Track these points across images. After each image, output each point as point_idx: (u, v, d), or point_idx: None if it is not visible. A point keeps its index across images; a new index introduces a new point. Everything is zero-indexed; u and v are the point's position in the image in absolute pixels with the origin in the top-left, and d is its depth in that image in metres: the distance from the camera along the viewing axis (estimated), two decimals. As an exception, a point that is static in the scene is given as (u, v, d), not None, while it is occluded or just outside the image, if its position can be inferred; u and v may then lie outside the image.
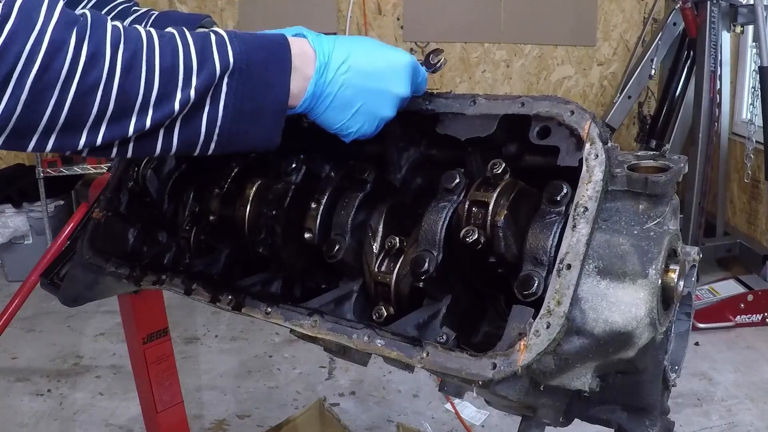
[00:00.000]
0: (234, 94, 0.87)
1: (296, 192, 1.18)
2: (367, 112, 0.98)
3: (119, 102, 0.79)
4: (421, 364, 0.93)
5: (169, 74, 0.82)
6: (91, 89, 0.76)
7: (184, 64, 0.83)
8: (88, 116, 0.78)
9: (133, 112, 0.81)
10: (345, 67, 0.95)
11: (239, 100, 0.87)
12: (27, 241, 4.23)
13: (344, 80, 0.95)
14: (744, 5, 3.73)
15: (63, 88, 0.75)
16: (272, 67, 0.89)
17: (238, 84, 0.87)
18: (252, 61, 0.87)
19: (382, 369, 3.04)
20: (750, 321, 3.50)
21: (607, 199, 0.91)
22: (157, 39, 0.83)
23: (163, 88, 0.82)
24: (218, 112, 0.87)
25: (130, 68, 0.79)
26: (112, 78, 0.78)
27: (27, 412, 2.85)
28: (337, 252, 1.09)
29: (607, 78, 5.09)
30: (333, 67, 0.95)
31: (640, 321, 0.85)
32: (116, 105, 0.79)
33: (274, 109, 0.91)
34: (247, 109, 0.88)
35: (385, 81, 0.98)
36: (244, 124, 0.89)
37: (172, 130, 0.85)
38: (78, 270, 1.44)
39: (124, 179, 1.40)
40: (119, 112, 0.80)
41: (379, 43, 1.01)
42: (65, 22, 0.75)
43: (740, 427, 2.71)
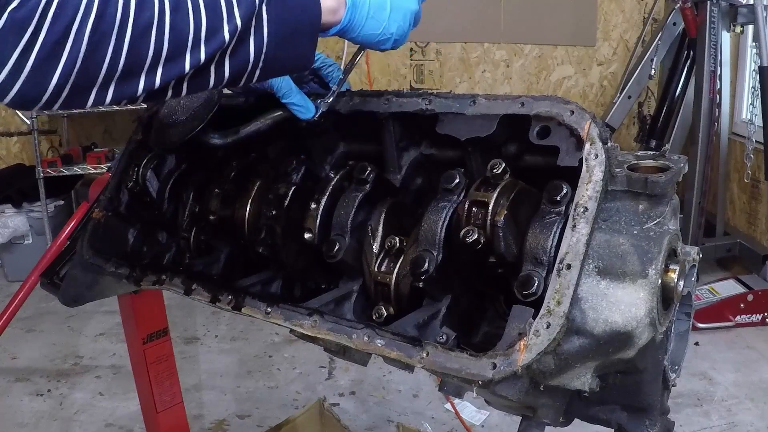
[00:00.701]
0: (274, 19, 0.90)
1: (296, 192, 1.18)
2: (398, 8, 1.05)
3: (173, 40, 0.81)
4: (421, 364, 0.93)
5: (213, 8, 0.84)
6: (144, 32, 0.78)
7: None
8: (145, 59, 0.79)
9: (186, 48, 0.83)
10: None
11: (280, 25, 0.91)
12: (27, 241, 4.23)
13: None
14: (744, 5, 3.72)
15: (119, 34, 0.76)
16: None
17: (276, 10, 0.90)
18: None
19: (382, 369, 3.04)
20: (750, 321, 3.50)
21: (607, 199, 0.91)
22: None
23: (211, 22, 0.84)
24: (263, 38, 0.90)
25: (177, 7, 0.81)
26: (163, 18, 0.79)
27: (27, 412, 2.85)
28: (337, 252, 1.09)
29: (607, 78, 5.08)
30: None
31: (640, 321, 0.85)
32: (170, 44, 0.81)
33: (310, 30, 0.95)
34: (287, 33, 0.92)
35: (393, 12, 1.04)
36: (285, 47, 0.93)
37: (223, 63, 0.88)
38: (78, 270, 1.44)
39: (124, 179, 1.40)
40: (174, 51, 0.82)
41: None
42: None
43: (740, 427, 2.71)
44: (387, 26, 1.05)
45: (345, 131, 1.25)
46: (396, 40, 1.07)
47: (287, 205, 1.18)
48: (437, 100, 1.09)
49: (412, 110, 1.10)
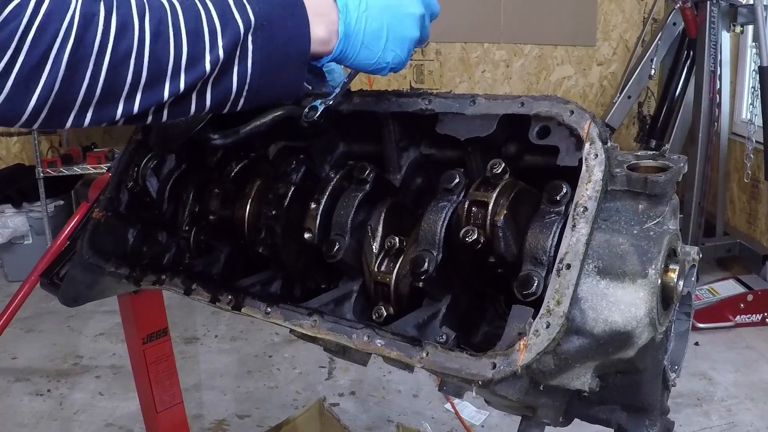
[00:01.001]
0: (260, 50, 0.89)
1: (296, 192, 1.18)
2: (396, 38, 1.02)
3: (152, 69, 0.81)
4: (421, 364, 0.93)
5: (195, 37, 0.84)
6: (123, 58, 0.78)
7: (208, 26, 0.85)
8: (123, 86, 0.80)
9: (166, 77, 0.83)
10: (364, 4, 0.99)
11: (266, 55, 0.90)
12: (27, 241, 4.23)
13: (367, 16, 0.99)
14: (744, 5, 3.73)
15: (97, 60, 0.76)
16: (291, 19, 0.92)
17: (262, 40, 0.89)
18: (272, 17, 0.90)
19: (382, 369, 3.04)
20: (750, 321, 3.50)
21: (606, 199, 0.91)
22: (179, 5, 0.85)
23: (191, 51, 0.83)
24: (247, 69, 0.89)
25: (159, 34, 0.81)
26: (142, 45, 0.80)
27: (27, 412, 2.85)
28: (337, 252, 1.09)
29: (607, 78, 5.09)
30: (353, 7, 0.98)
31: (640, 321, 0.85)
32: (149, 72, 0.81)
33: (298, 60, 0.94)
34: (273, 63, 0.91)
35: (401, 5, 1.01)
36: (271, 77, 0.92)
37: (204, 91, 0.88)
38: (78, 270, 1.44)
39: (124, 179, 1.40)
40: (153, 79, 0.82)
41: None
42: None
43: (740, 427, 2.71)
44: (382, 56, 1.02)
45: (345, 131, 1.25)
46: (393, 68, 1.04)
47: (287, 205, 1.17)
48: (437, 100, 1.09)
49: (412, 110, 1.10)
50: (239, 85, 0.90)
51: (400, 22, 1.02)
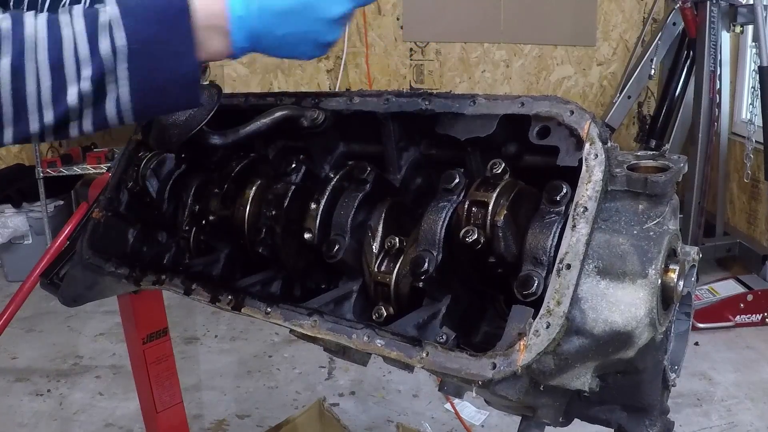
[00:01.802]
0: (137, 76, 0.83)
1: (296, 192, 1.18)
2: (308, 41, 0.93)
3: (15, 105, 0.79)
4: (421, 364, 0.93)
5: (57, 70, 0.80)
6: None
7: (74, 55, 0.81)
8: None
9: (31, 112, 0.81)
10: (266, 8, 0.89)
11: (144, 81, 0.84)
12: (27, 241, 4.23)
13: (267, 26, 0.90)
14: (744, 5, 3.73)
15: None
16: (173, 38, 0.85)
17: (138, 66, 0.83)
18: (147, 39, 0.83)
19: (381, 369, 3.04)
20: (750, 321, 3.50)
21: (606, 199, 0.91)
22: (45, 32, 0.81)
23: (55, 85, 0.80)
24: (126, 96, 0.84)
25: (17, 70, 0.79)
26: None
27: (27, 412, 2.85)
28: (337, 252, 1.09)
29: (607, 78, 5.09)
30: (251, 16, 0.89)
31: (640, 321, 0.85)
32: (13, 108, 0.79)
33: (186, 79, 0.87)
34: (155, 87, 0.85)
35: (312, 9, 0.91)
36: (156, 100, 0.87)
37: (80, 121, 0.84)
38: (78, 270, 1.44)
39: (124, 179, 1.40)
40: (17, 115, 0.80)
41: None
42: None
43: (740, 427, 2.71)
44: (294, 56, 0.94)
45: (345, 131, 1.25)
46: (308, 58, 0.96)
47: (287, 205, 1.18)
48: (437, 100, 1.09)
49: (412, 110, 1.10)
50: (119, 110, 0.85)
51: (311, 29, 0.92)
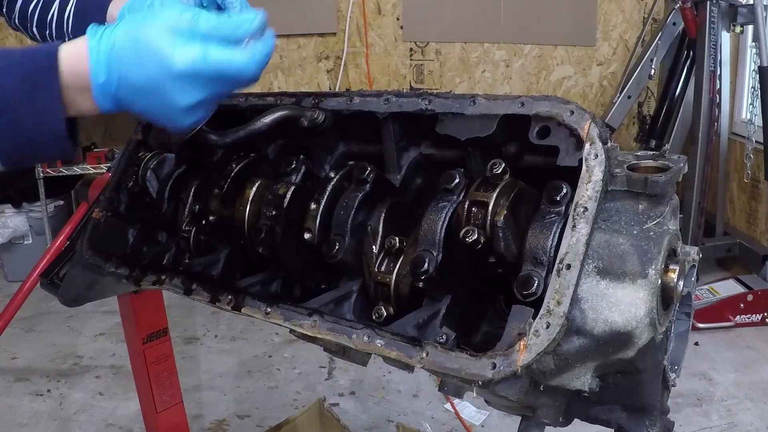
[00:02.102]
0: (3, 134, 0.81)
1: (296, 192, 1.18)
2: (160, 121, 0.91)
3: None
4: (421, 364, 0.93)
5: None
6: None
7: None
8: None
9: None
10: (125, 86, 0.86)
11: (9, 138, 0.82)
12: (27, 241, 4.23)
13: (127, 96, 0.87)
14: (744, 5, 3.73)
15: None
16: (36, 96, 0.82)
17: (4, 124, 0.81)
18: (10, 96, 0.81)
19: (381, 369, 3.04)
20: (750, 321, 3.50)
21: (606, 199, 0.91)
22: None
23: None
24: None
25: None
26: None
27: (27, 412, 2.85)
28: (337, 252, 1.09)
29: (607, 78, 5.09)
30: (111, 85, 0.86)
31: (640, 321, 0.85)
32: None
33: (53, 136, 0.85)
34: (22, 143, 0.83)
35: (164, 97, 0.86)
36: (25, 154, 0.85)
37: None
38: (78, 270, 1.44)
39: (123, 179, 1.40)
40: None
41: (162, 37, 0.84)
42: None
43: (740, 427, 2.71)
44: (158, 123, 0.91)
45: (345, 131, 1.25)
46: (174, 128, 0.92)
47: (287, 205, 1.17)
48: (437, 100, 1.09)
49: (412, 110, 1.10)
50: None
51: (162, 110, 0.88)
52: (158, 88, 0.85)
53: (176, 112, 0.88)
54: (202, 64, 0.85)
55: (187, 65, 0.84)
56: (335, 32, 4.89)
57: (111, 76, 0.85)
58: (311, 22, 4.84)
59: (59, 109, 0.84)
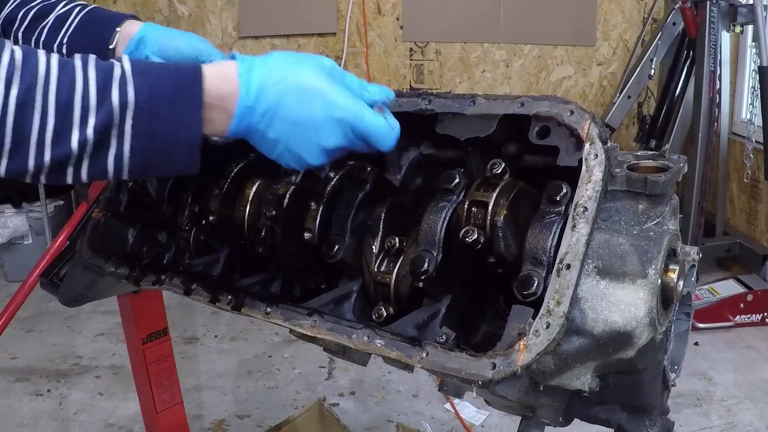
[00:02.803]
0: (140, 134, 0.84)
1: (296, 192, 1.18)
2: (292, 155, 0.94)
3: (15, 138, 0.79)
4: (421, 364, 0.93)
5: (64, 110, 0.80)
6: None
7: (82, 100, 0.81)
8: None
9: (30, 147, 0.80)
10: (271, 112, 0.90)
11: (147, 140, 0.85)
12: (27, 241, 4.23)
13: (267, 123, 0.91)
14: (744, 5, 3.73)
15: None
16: (180, 104, 0.86)
17: (142, 123, 0.84)
18: (156, 99, 0.84)
19: (381, 369, 3.04)
20: (750, 321, 3.50)
21: (606, 199, 0.91)
22: (57, 71, 0.81)
23: (58, 125, 0.80)
24: (124, 151, 0.85)
25: (24, 104, 0.78)
26: (5, 114, 0.77)
27: (27, 412, 2.85)
28: (337, 252, 1.09)
29: (607, 78, 5.08)
30: (259, 110, 0.90)
31: (640, 321, 0.85)
32: (13, 141, 0.79)
33: (187, 147, 0.88)
34: (156, 147, 0.86)
35: (311, 132, 0.92)
36: (155, 160, 0.87)
37: (79, 167, 0.84)
38: (78, 270, 1.44)
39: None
40: (16, 148, 0.79)
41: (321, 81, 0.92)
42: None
43: (740, 427, 2.71)
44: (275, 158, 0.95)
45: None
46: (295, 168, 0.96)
47: (287, 205, 1.17)
48: (437, 100, 1.09)
49: (412, 110, 1.10)
50: (116, 166, 0.85)
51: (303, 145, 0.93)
52: (312, 125, 0.91)
53: (316, 150, 0.93)
54: (360, 117, 0.92)
55: (348, 113, 0.92)
56: (335, 32, 4.89)
57: (258, 104, 0.89)
58: (311, 22, 4.84)
59: (199, 120, 0.87)
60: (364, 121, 0.93)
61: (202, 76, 0.87)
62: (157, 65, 0.88)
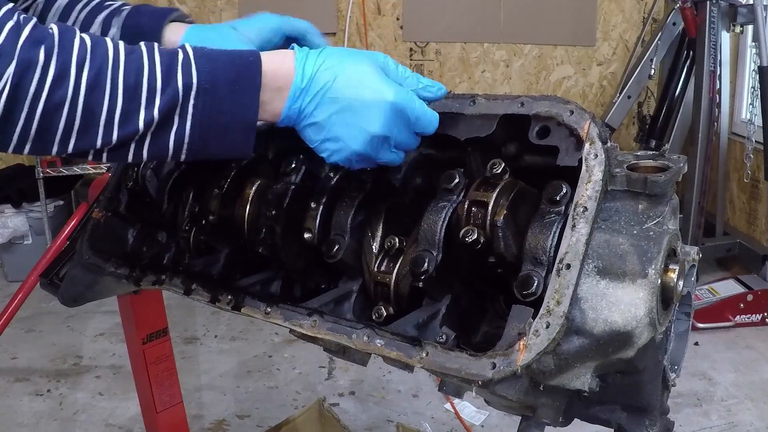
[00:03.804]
0: (200, 113, 0.88)
1: (296, 192, 1.18)
2: (336, 142, 0.98)
3: (85, 118, 0.83)
4: (421, 364, 0.93)
5: (132, 92, 0.84)
6: (57, 107, 0.81)
7: (148, 83, 0.85)
8: (57, 130, 0.82)
9: (99, 126, 0.84)
10: (322, 93, 0.95)
11: (206, 119, 0.89)
12: (27, 241, 4.23)
13: (316, 104, 0.95)
14: (743, 5, 3.73)
15: (31, 105, 0.79)
16: (239, 86, 0.90)
17: (204, 104, 0.88)
18: (217, 81, 0.89)
19: (381, 369, 3.04)
20: (750, 321, 3.50)
21: (606, 199, 0.91)
22: (124, 56, 0.85)
23: (126, 106, 0.84)
24: (185, 130, 0.89)
25: (95, 86, 0.82)
26: (77, 96, 0.81)
27: (27, 412, 2.85)
28: (337, 252, 1.09)
29: (607, 78, 5.09)
30: (312, 91, 0.95)
31: (640, 321, 0.85)
32: (82, 120, 0.83)
33: (243, 128, 0.92)
34: (214, 127, 0.90)
35: (359, 116, 0.95)
36: (213, 140, 0.92)
37: (142, 145, 0.88)
38: (78, 270, 1.44)
39: (123, 179, 1.40)
40: (86, 127, 0.83)
41: (373, 70, 0.97)
42: (34, 40, 0.79)
43: (740, 427, 2.71)
44: (319, 147, 0.99)
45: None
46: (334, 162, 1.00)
47: (287, 205, 1.17)
48: (437, 100, 1.08)
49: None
50: (176, 144, 0.89)
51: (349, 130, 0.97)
52: (360, 107, 0.95)
53: (361, 136, 0.96)
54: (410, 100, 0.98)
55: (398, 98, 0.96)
56: (335, 32, 4.89)
57: (311, 86, 0.94)
58: (311, 22, 4.84)
59: (256, 103, 0.91)
60: (414, 105, 0.98)
61: (260, 61, 0.92)
62: (217, 51, 0.92)
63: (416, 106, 0.99)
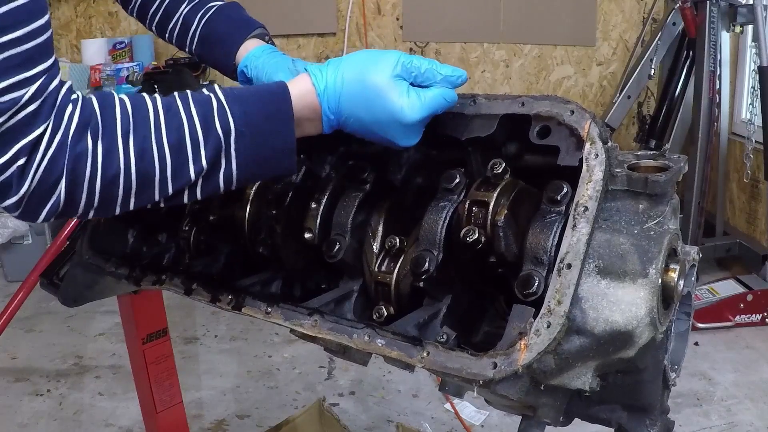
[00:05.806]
0: (243, 153, 0.94)
1: (296, 192, 1.18)
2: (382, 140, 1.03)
3: (140, 182, 0.89)
4: (422, 364, 0.93)
5: (178, 150, 0.90)
6: (113, 180, 0.87)
7: (191, 137, 0.91)
8: (117, 197, 0.89)
9: (154, 186, 0.91)
10: (346, 117, 1.00)
11: (249, 156, 0.95)
12: (27, 241, 4.23)
13: (346, 125, 1.02)
14: (743, 5, 3.72)
15: (90, 185, 0.86)
16: (274, 119, 0.96)
17: (244, 144, 0.94)
18: (251, 121, 0.94)
19: (381, 369, 3.04)
20: (749, 321, 3.50)
21: (607, 199, 0.91)
22: (163, 116, 0.90)
23: (175, 163, 0.90)
24: (232, 169, 0.95)
25: (143, 153, 0.88)
26: (129, 166, 0.88)
27: (27, 412, 2.85)
28: (337, 252, 1.09)
29: (607, 78, 5.09)
30: (337, 119, 1.01)
31: (641, 320, 0.85)
32: (138, 185, 0.89)
33: (284, 154, 0.98)
34: (258, 161, 0.96)
35: (381, 132, 1.01)
36: (259, 170, 0.98)
37: (195, 189, 0.94)
38: (78, 270, 1.44)
39: (124, 179, 1.40)
40: (142, 189, 0.90)
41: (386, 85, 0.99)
42: (82, 125, 0.85)
43: (740, 427, 2.71)
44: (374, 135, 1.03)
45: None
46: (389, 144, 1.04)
47: (287, 205, 1.18)
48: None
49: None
50: (226, 182, 0.96)
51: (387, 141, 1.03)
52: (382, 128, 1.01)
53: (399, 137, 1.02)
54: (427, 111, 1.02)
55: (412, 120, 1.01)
56: (335, 32, 4.89)
57: (336, 116, 1.01)
58: (311, 22, 4.84)
59: (292, 129, 0.97)
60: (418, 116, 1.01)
61: (288, 91, 0.98)
62: (246, 91, 0.98)
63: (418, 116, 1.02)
